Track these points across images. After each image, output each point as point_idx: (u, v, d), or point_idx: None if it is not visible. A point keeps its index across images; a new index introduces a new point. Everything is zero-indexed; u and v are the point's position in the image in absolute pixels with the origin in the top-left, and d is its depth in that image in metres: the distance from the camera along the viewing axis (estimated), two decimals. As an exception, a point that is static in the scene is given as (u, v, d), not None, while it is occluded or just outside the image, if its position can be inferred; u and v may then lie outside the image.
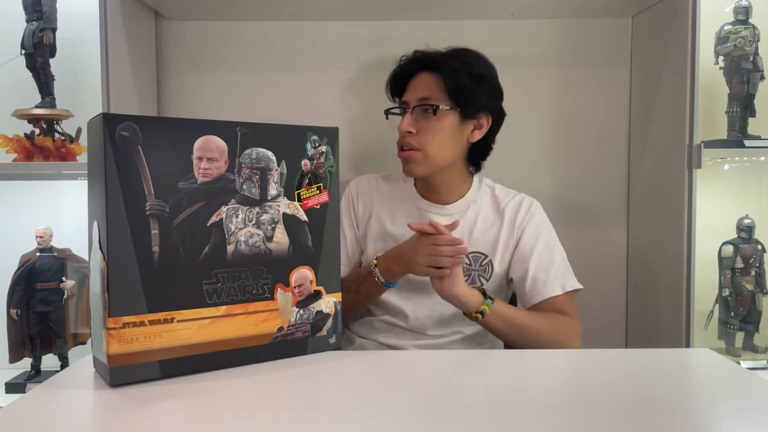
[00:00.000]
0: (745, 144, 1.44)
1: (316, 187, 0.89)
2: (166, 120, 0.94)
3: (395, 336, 1.23)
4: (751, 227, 1.53)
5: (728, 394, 0.76)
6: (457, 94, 1.17)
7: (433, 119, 1.17)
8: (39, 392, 0.76)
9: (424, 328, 1.22)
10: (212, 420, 0.67)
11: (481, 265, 1.22)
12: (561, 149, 1.72)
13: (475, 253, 1.22)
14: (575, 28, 1.69)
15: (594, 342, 1.73)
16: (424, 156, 1.18)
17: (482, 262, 1.22)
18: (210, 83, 1.71)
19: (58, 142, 1.43)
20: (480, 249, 1.22)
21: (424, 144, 1.17)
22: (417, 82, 1.21)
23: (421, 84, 1.20)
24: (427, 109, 1.17)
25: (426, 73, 1.20)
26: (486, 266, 1.22)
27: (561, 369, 0.86)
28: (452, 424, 0.65)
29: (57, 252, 1.47)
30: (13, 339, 1.46)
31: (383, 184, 1.33)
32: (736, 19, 1.50)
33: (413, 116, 1.19)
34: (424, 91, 1.18)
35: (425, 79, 1.20)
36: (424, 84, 1.19)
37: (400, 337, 1.23)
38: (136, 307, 0.75)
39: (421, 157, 1.18)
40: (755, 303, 1.53)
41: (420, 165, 1.19)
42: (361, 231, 1.30)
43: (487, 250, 1.22)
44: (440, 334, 1.22)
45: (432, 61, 1.20)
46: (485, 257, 1.22)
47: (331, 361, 0.88)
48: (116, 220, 0.74)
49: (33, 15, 1.42)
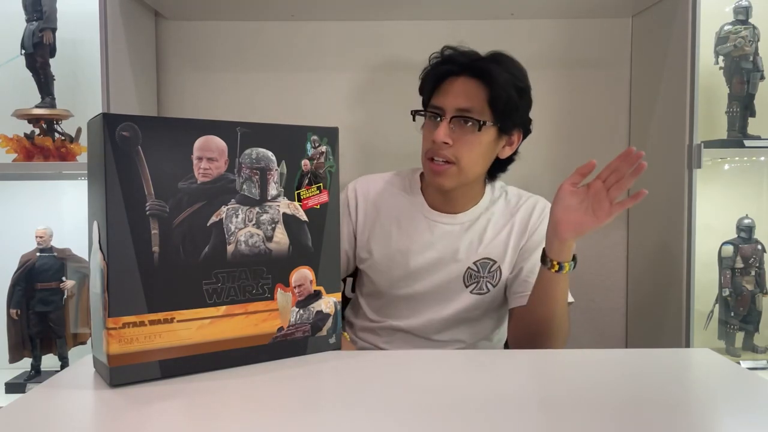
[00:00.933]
0: (745, 144, 1.44)
1: (316, 187, 0.89)
2: (166, 120, 0.94)
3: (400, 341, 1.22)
4: (751, 227, 1.53)
5: (728, 394, 0.76)
6: (502, 109, 1.08)
7: (472, 133, 1.08)
8: (39, 392, 0.76)
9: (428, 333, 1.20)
10: (212, 420, 0.67)
11: (489, 272, 1.17)
12: (561, 149, 1.72)
13: (484, 259, 1.17)
14: (575, 28, 1.69)
15: (594, 342, 1.74)
16: (459, 170, 1.10)
17: (491, 268, 1.17)
18: (210, 83, 1.71)
19: (58, 142, 1.44)
20: (489, 255, 1.17)
21: (460, 158, 1.09)
22: (456, 88, 1.10)
23: (462, 91, 1.09)
24: (467, 121, 1.08)
25: (467, 79, 1.10)
26: (494, 272, 1.17)
27: (561, 369, 0.86)
28: (452, 424, 0.65)
29: (57, 252, 1.47)
30: (13, 339, 1.46)
31: (388, 191, 1.24)
32: (736, 19, 1.50)
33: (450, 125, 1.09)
34: (465, 101, 1.08)
35: (466, 85, 1.09)
36: (466, 92, 1.09)
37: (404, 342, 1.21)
38: (136, 307, 0.75)
39: (455, 171, 1.10)
40: (755, 303, 1.53)
41: (452, 179, 1.11)
42: (362, 239, 1.23)
43: (496, 256, 1.17)
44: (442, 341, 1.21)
45: (477, 66, 1.09)
46: (494, 263, 1.17)
47: (331, 361, 0.88)
48: (116, 220, 0.74)
49: (33, 15, 1.42)
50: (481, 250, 1.18)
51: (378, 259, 1.21)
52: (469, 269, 1.17)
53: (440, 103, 1.11)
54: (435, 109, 1.12)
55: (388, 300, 1.22)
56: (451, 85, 1.11)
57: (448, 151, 1.09)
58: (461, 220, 1.19)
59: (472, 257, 1.18)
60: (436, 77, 1.13)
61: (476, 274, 1.17)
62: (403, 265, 1.19)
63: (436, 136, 1.08)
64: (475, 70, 1.09)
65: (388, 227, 1.21)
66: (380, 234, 1.21)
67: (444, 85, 1.12)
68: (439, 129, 1.09)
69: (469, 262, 1.17)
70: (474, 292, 1.18)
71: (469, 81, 1.10)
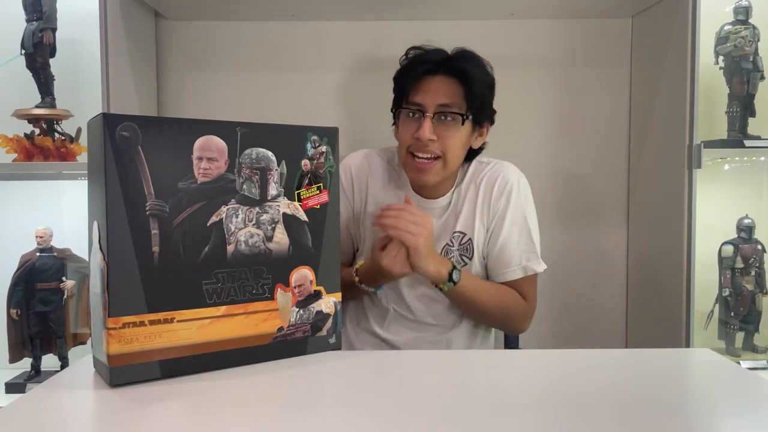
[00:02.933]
0: (745, 144, 1.44)
1: (316, 187, 0.89)
2: (166, 120, 0.94)
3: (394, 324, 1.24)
4: (751, 227, 1.53)
5: (728, 394, 0.76)
6: (478, 103, 1.14)
7: (455, 126, 1.13)
8: (39, 392, 0.76)
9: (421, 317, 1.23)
10: (212, 420, 0.67)
11: (461, 244, 1.21)
12: (561, 149, 1.72)
13: (456, 233, 1.21)
14: (575, 28, 1.69)
15: (594, 342, 1.74)
16: (444, 165, 1.14)
17: (462, 240, 1.21)
18: (210, 83, 1.71)
19: (58, 142, 1.44)
20: (459, 228, 1.21)
21: (446, 151, 1.13)
22: (435, 86, 1.14)
23: (441, 88, 1.13)
24: (447, 116, 1.13)
25: (443, 77, 1.14)
26: (467, 245, 1.21)
27: (561, 369, 0.86)
28: (452, 424, 0.65)
29: (57, 252, 1.47)
30: (13, 339, 1.46)
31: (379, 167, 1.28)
32: (736, 19, 1.50)
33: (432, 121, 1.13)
34: (444, 97, 1.13)
35: (444, 83, 1.14)
36: (444, 89, 1.13)
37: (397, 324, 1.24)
38: (136, 307, 0.75)
39: (440, 166, 1.14)
40: (755, 303, 1.53)
41: (438, 174, 1.15)
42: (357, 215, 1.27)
43: (465, 228, 1.21)
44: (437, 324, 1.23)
45: (453, 65, 1.15)
46: (464, 235, 1.21)
47: (331, 361, 0.88)
48: (116, 220, 0.74)
49: (33, 15, 1.42)
50: (456, 225, 1.22)
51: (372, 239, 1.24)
52: (447, 245, 1.22)
53: (421, 101, 1.14)
54: (416, 106, 1.15)
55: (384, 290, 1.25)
56: (429, 83, 1.15)
57: (433, 147, 1.13)
58: (441, 204, 1.23)
59: (448, 234, 1.22)
60: (414, 76, 1.16)
61: (449, 246, 1.22)
62: None
63: (422, 134, 1.12)
64: (451, 68, 1.15)
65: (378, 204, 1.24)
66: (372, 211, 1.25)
67: (422, 84, 1.15)
68: (424, 126, 1.12)
69: (446, 239, 1.22)
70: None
71: (446, 79, 1.14)
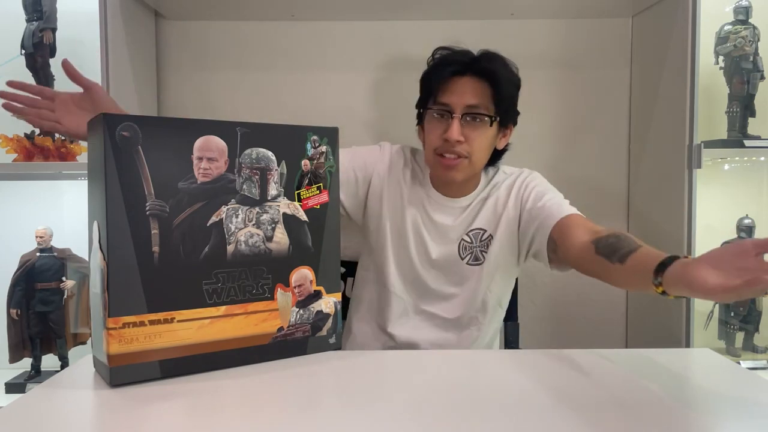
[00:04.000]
0: (745, 144, 1.44)
1: (316, 187, 0.89)
2: (166, 120, 0.94)
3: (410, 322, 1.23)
4: (751, 227, 1.53)
5: (728, 394, 0.76)
6: (505, 104, 1.15)
7: (483, 128, 1.13)
8: (39, 392, 0.76)
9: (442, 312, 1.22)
10: (212, 420, 0.67)
11: (481, 241, 1.21)
12: (561, 149, 1.72)
13: (476, 230, 1.21)
14: (575, 28, 1.69)
15: (594, 342, 1.74)
16: (470, 164, 1.15)
17: (482, 237, 1.21)
18: (210, 83, 1.71)
19: (58, 142, 1.44)
20: (479, 225, 1.21)
21: (472, 152, 1.14)
22: (462, 86, 1.14)
23: (469, 89, 1.13)
24: (476, 118, 1.13)
25: (471, 78, 1.14)
26: (486, 241, 1.21)
27: (561, 369, 0.86)
28: (452, 423, 0.65)
29: (57, 252, 1.47)
30: (13, 339, 1.46)
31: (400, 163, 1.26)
32: (736, 19, 1.50)
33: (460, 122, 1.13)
34: (473, 98, 1.13)
35: (472, 84, 1.14)
36: (472, 89, 1.13)
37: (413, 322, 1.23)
38: (136, 307, 0.75)
39: (467, 164, 1.15)
40: (755, 303, 1.53)
41: (464, 172, 1.16)
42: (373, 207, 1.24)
43: (486, 225, 1.21)
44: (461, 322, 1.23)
45: (481, 66, 1.14)
46: (485, 232, 1.21)
47: (331, 361, 0.88)
48: (116, 220, 0.74)
49: (33, 15, 1.42)
50: (475, 222, 1.22)
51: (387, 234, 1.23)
52: (463, 240, 1.21)
53: (449, 101, 1.14)
54: (443, 106, 1.14)
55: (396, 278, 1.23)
56: (456, 84, 1.14)
57: (461, 148, 1.13)
58: (462, 204, 1.23)
59: (462, 231, 1.22)
60: (442, 77, 1.15)
61: (469, 244, 1.21)
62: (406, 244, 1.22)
63: (450, 135, 1.12)
64: (479, 69, 1.14)
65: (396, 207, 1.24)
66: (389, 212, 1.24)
67: (450, 85, 1.14)
68: (453, 127, 1.12)
69: (462, 234, 1.21)
70: (470, 263, 1.21)
71: (474, 80, 1.14)
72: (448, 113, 1.14)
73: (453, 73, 1.14)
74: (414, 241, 1.22)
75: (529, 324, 1.76)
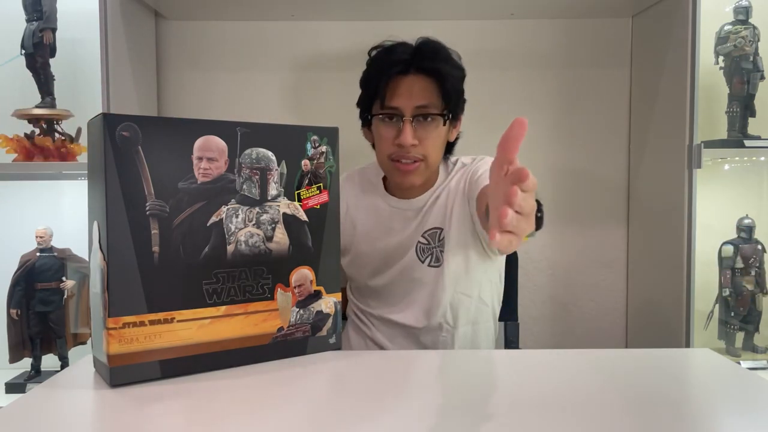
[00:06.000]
0: (745, 144, 1.44)
1: (316, 187, 0.89)
2: (166, 120, 0.94)
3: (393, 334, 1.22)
4: (751, 227, 1.53)
5: (728, 394, 0.76)
6: (454, 99, 1.11)
7: (434, 127, 1.10)
8: (39, 392, 0.76)
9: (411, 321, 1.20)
10: (212, 420, 0.67)
11: (439, 241, 1.17)
12: (561, 149, 1.72)
13: (431, 230, 1.17)
14: (575, 28, 1.70)
15: (594, 342, 1.74)
16: (426, 166, 1.12)
17: (439, 236, 1.17)
18: (210, 83, 1.71)
19: (58, 142, 1.44)
20: (433, 225, 1.17)
21: (428, 154, 1.10)
22: (409, 87, 1.09)
23: (416, 89, 1.09)
24: (428, 117, 1.09)
25: (416, 76, 1.09)
26: (443, 241, 1.16)
27: (561, 369, 0.86)
28: (452, 423, 0.65)
29: (57, 252, 1.47)
30: (13, 339, 1.46)
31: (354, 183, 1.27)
32: (736, 19, 1.50)
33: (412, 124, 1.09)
34: (421, 98, 1.08)
35: (418, 82, 1.09)
36: (420, 89, 1.09)
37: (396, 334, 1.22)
38: (136, 307, 0.75)
39: (423, 167, 1.12)
40: (755, 303, 1.53)
41: (422, 175, 1.13)
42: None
43: (440, 222, 1.17)
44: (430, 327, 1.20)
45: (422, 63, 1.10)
46: (440, 230, 1.17)
47: (331, 361, 0.88)
48: (116, 220, 0.74)
49: (33, 15, 1.42)
50: (431, 221, 1.18)
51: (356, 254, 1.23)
52: (419, 243, 1.17)
53: (397, 104, 1.09)
54: (392, 110, 1.10)
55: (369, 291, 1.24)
56: (402, 84, 1.10)
57: (416, 151, 1.10)
58: (419, 204, 1.19)
59: (418, 234, 1.18)
60: (386, 78, 1.10)
61: (427, 246, 1.17)
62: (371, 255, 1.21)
63: (404, 140, 1.08)
64: (423, 67, 1.09)
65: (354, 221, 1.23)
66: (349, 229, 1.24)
67: (395, 86, 1.10)
68: (405, 132, 1.08)
69: (418, 236, 1.18)
70: (431, 264, 1.17)
71: (419, 78, 1.10)
72: (397, 116, 1.09)
73: (397, 73, 1.09)
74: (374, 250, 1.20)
75: (529, 324, 1.76)
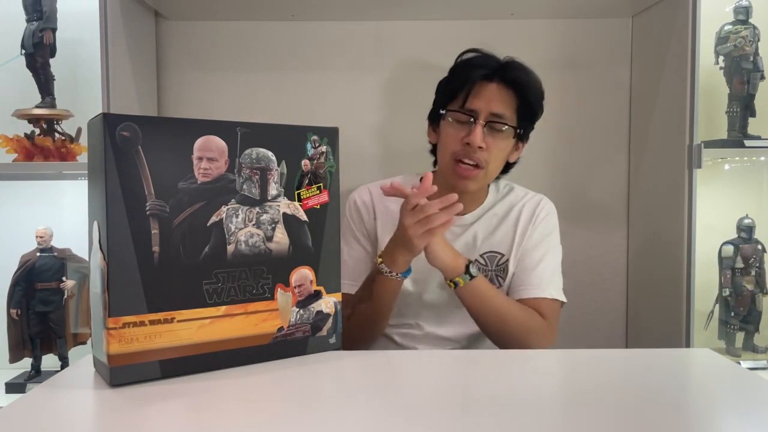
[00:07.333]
0: (746, 144, 1.44)
1: (317, 187, 0.89)
2: (166, 120, 0.94)
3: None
4: (751, 227, 1.53)
5: (728, 394, 0.76)
6: (528, 118, 1.12)
7: (505, 138, 1.11)
8: (39, 392, 0.76)
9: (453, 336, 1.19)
10: (212, 420, 0.67)
11: (497, 265, 1.17)
12: (561, 149, 1.72)
13: (491, 252, 1.18)
14: (575, 28, 1.69)
15: (594, 342, 1.74)
16: (485, 174, 1.12)
17: (499, 261, 1.17)
18: (210, 83, 1.71)
19: (58, 142, 1.44)
20: (496, 249, 1.18)
21: (490, 162, 1.11)
22: (489, 93, 1.11)
23: (495, 96, 1.10)
24: (502, 126, 1.10)
25: (498, 84, 1.11)
26: (503, 266, 1.17)
27: (561, 369, 0.86)
28: (452, 423, 0.65)
29: (57, 252, 1.47)
30: (13, 339, 1.46)
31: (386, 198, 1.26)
32: (736, 19, 1.50)
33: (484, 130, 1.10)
34: (499, 106, 1.10)
35: (499, 91, 1.11)
36: (499, 97, 1.10)
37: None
38: (136, 307, 0.75)
39: (482, 175, 1.11)
40: (755, 303, 1.53)
41: (478, 182, 1.13)
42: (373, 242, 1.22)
43: (503, 249, 1.18)
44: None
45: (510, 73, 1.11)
46: (502, 256, 1.17)
47: (331, 361, 0.88)
48: (116, 220, 0.74)
49: (33, 15, 1.42)
50: (488, 244, 1.18)
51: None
52: (477, 262, 1.16)
53: (475, 107, 1.10)
54: (468, 111, 1.11)
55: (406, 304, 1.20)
56: (484, 89, 1.11)
57: (481, 155, 1.10)
58: (468, 221, 1.19)
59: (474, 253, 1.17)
60: (470, 80, 1.11)
61: (484, 267, 1.17)
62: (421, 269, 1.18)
63: (473, 140, 1.08)
64: (509, 77, 1.11)
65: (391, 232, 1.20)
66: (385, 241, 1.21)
67: (476, 89, 1.11)
68: (476, 132, 1.09)
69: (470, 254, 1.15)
70: None
71: (501, 87, 1.11)
72: (471, 118, 1.10)
73: (482, 78, 1.11)
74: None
75: (529, 324, 1.76)
